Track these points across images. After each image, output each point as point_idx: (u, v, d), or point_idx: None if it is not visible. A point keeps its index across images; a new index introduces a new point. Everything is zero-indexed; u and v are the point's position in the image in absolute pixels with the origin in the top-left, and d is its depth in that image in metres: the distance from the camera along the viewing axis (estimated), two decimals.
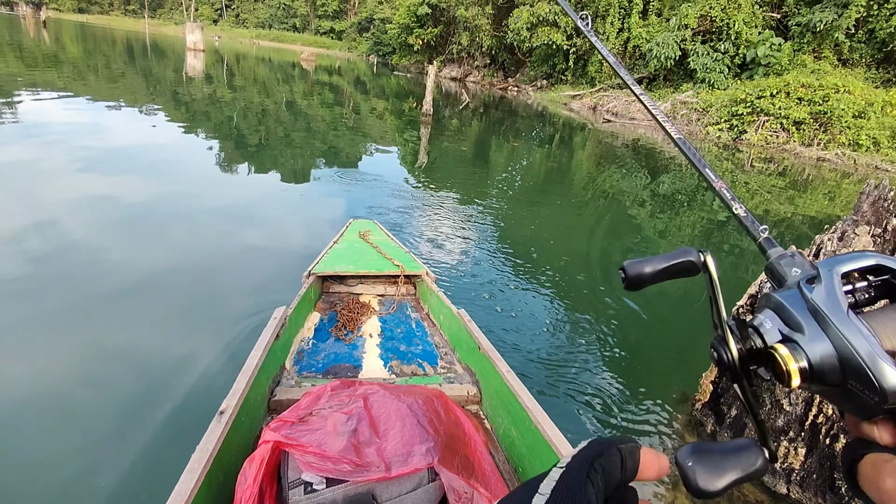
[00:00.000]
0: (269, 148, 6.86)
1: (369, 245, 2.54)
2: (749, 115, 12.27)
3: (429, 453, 1.07)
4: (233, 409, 1.22)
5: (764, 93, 12.04)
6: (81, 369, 1.97)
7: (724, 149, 11.33)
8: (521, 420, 1.33)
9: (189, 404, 1.82)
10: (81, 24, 46.39)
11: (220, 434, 1.14)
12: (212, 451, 1.09)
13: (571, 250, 4.17)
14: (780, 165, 9.76)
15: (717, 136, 12.57)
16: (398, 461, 1.07)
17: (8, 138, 5.23)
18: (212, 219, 3.83)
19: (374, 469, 1.06)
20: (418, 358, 1.85)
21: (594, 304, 3.13)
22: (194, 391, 1.90)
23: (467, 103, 16.32)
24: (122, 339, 2.19)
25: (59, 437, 1.64)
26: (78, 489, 1.47)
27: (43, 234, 3.08)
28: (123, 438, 1.65)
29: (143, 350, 2.14)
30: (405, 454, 1.08)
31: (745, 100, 12.33)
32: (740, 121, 12.42)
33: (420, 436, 1.11)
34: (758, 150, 11.33)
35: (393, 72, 30.60)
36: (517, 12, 20.41)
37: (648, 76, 17.17)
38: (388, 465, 1.07)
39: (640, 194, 6.46)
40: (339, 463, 1.07)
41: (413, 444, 1.10)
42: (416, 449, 1.08)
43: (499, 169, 7.13)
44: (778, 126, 11.93)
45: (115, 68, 14.62)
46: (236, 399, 1.25)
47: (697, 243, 4.66)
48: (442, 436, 1.13)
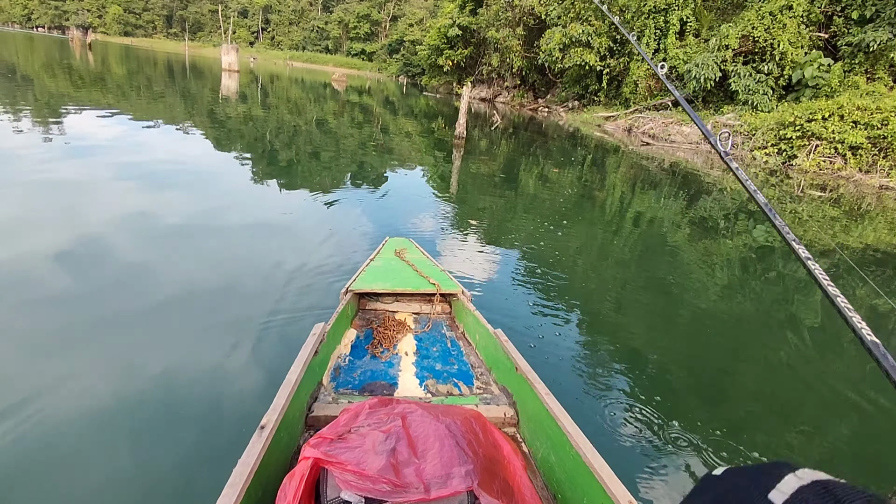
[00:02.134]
0: (303, 165, 7.18)
1: (405, 263, 2.62)
2: (799, 140, 11.87)
3: (468, 476, 1.09)
4: (273, 424, 1.25)
5: (815, 115, 11.64)
6: (121, 381, 2.08)
7: (771, 174, 10.97)
8: (561, 445, 1.33)
9: (226, 418, 1.90)
10: (126, 46, 50.33)
11: (260, 449, 1.16)
12: (253, 466, 1.12)
13: (610, 275, 4.13)
14: (836, 193, 9.33)
15: (765, 161, 12.20)
16: (437, 483, 1.09)
17: (52, 152, 5.69)
18: (248, 234, 4.02)
19: (413, 490, 1.09)
20: (454, 377, 1.88)
21: (634, 333, 3.09)
22: (231, 404, 1.98)
23: (498, 125, 16.59)
24: (161, 351, 2.31)
25: (98, 449, 1.72)
26: (118, 503, 1.53)
27: (85, 247, 3.32)
28: (163, 451, 1.73)
29: (181, 363, 2.25)
30: (444, 476, 1.10)
31: (794, 123, 11.95)
32: (789, 145, 12.03)
33: (459, 457, 1.13)
34: (810, 176, 10.92)
35: (422, 92, 31.56)
36: (549, 33, 20.84)
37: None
38: (426, 486, 1.09)
39: (687, 220, 6.36)
40: (377, 482, 1.10)
41: (452, 465, 1.12)
42: (456, 471, 1.11)
43: (534, 193, 7.18)
44: (832, 151, 11.47)
45: (155, 89, 15.72)
46: (276, 414, 1.28)
47: (737, 269, 4.53)
48: (481, 458, 1.16)
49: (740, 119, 14.17)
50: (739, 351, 3.07)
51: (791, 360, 3.03)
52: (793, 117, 12.03)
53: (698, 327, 3.37)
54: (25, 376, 2.02)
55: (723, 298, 3.85)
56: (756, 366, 2.92)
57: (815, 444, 2.23)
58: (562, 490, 1.32)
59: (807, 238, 5.98)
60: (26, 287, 2.70)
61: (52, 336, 2.31)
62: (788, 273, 4.58)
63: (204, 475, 1.62)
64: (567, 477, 1.30)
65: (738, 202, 7.63)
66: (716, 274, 4.42)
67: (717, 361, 2.93)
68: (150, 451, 1.72)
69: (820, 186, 9.85)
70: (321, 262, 3.60)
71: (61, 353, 2.21)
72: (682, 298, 3.81)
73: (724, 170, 11.23)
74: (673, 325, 3.36)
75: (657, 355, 2.87)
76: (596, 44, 19.29)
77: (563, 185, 7.80)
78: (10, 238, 3.30)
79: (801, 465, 0.31)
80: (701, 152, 13.62)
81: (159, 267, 3.17)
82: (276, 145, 8.64)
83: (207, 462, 1.68)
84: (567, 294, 3.53)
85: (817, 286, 0.45)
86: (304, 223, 4.57)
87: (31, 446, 1.68)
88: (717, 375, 2.75)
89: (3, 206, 3.87)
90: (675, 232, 5.72)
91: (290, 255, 3.68)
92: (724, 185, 9.12)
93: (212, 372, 2.19)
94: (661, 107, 17.67)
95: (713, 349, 3.07)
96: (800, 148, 11.89)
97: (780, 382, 2.75)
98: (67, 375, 2.07)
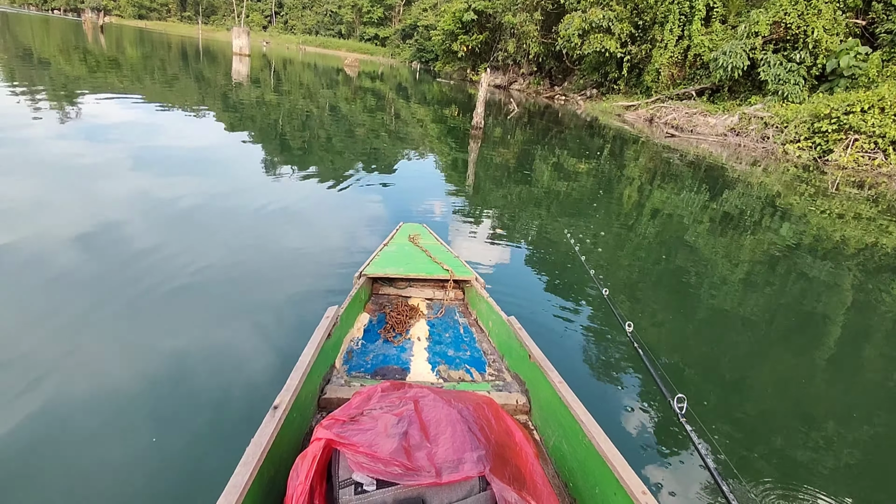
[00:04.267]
0: (316, 151, 7.22)
1: (419, 249, 2.64)
2: (835, 133, 11.37)
3: (480, 461, 1.11)
4: (286, 405, 1.28)
5: (853, 108, 11.07)
6: (138, 362, 2.15)
7: (803, 169, 10.57)
8: (574, 433, 1.34)
9: (239, 398, 1.95)
10: (140, 29, 50.86)
11: (273, 429, 1.19)
12: (265, 446, 1.14)
13: (627, 266, 4.09)
14: (875, 191, 8.93)
15: (798, 156, 11.74)
16: (449, 467, 1.11)
17: (65, 135, 5.80)
18: (262, 218, 4.08)
19: (425, 474, 1.10)
20: (466, 364, 1.90)
21: (650, 323, 3.06)
22: (244, 385, 2.03)
23: (515, 113, 16.40)
24: (177, 333, 2.37)
25: (114, 428, 1.78)
26: (133, 479, 1.59)
27: (103, 230, 3.40)
28: (177, 429, 1.79)
29: (196, 343, 2.30)
30: (456, 461, 1.12)
31: (829, 115, 11.42)
32: (824, 139, 11.54)
33: (471, 443, 1.15)
34: (847, 172, 10.37)
35: (435, 78, 31.33)
36: (568, 18, 20.43)
37: (711, 87, 16.63)
38: (438, 470, 1.10)
39: (709, 215, 6.25)
40: (389, 465, 1.11)
41: (464, 450, 1.13)
42: (468, 456, 1.12)
43: (550, 183, 7.12)
44: (872, 146, 10.93)
45: (169, 72, 15.88)
46: (290, 395, 1.31)
47: (763, 269, 4.45)
48: (493, 444, 1.17)
49: (769, 110, 13.75)
50: (760, 346, 3.02)
51: (826, 360, 2.99)
52: (828, 109, 11.51)
53: (718, 319, 3.32)
54: (46, 355, 2.09)
55: (744, 293, 3.79)
56: (779, 363, 2.88)
57: (831, 450, 2.20)
58: (573, 478, 1.33)
59: (838, 235, 5.83)
60: (44, 268, 2.79)
61: (72, 317, 2.38)
62: (814, 276, 4.48)
63: (218, 453, 1.66)
64: (579, 465, 1.31)
65: (766, 199, 7.46)
66: (739, 270, 4.34)
67: (738, 355, 2.89)
68: (165, 429, 1.78)
69: (857, 183, 9.49)
70: (335, 246, 3.64)
71: (80, 334, 2.28)
72: (699, 290, 3.76)
73: (753, 164, 10.99)
74: (690, 317, 3.33)
75: (672, 346, 2.85)
76: (617, 29, 18.86)
77: (582, 176, 7.71)
78: (29, 220, 3.40)
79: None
80: (729, 145, 13.25)
81: (175, 250, 3.24)
82: (290, 130, 8.69)
83: (221, 441, 1.73)
84: (582, 284, 3.51)
85: None
86: (317, 207, 4.61)
87: (50, 423, 1.75)
88: (736, 369, 2.72)
89: (24, 188, 3.97)
90: (695, 226, 5.63)
91: (304, 239, 3.73)
92: (752, 181, 8.91)
93: (225, 353, 2.24)
94: (685, 96, 17.25)
95: (734, 343, 3.03)
96: (836, 142, 11.38)
97: (806, 383, 2.71)
98: (86, 354, 2.14)
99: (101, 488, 1.54)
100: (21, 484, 1.52)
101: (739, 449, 2.01)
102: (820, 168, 10.90)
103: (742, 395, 2.48)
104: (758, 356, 2.91)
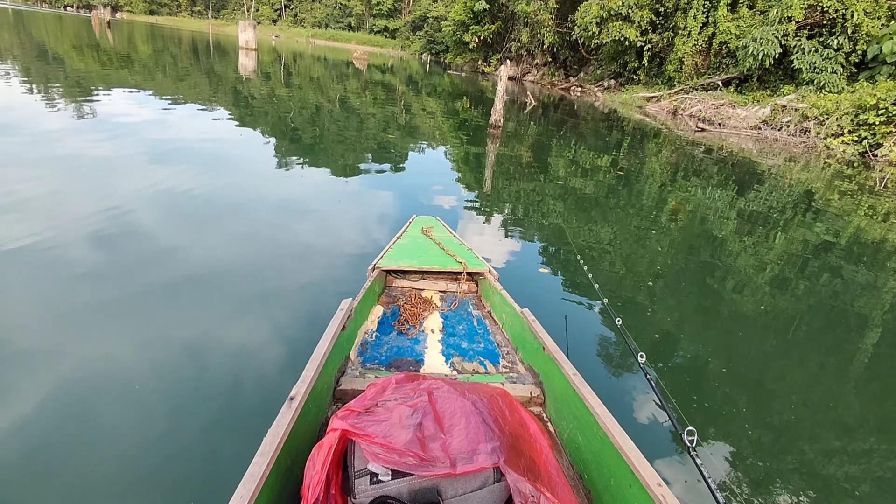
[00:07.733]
0: (328, 144, 7.31)
1: (432, 241, 2.69)
2: (884, 126, 10.80)
3: (494, 453, 1.14)
4: (302, 396, 1.32)
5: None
6: (155, 353, 2.23)
7: (846, 165, 10.01)
8: (588, 425, 1.36)
9: (254, 389, 2.02)
10: (151, 24, 51.96)
11: (290, 419, 1.23)
12: (282, 436, 1.19)
13: (643, 261, 4.07)
14: None
15: (843, 150, 11.15)
16: (463, 458, 1.14)
17: (77, 130, 5.99)
18: (276, 211, 4.17)
19: (440, 465, 1.14)
20: (480, 356, 1.94)
21: (665, 317, 3.05)
22: (260, 377, 2.09)
23: (534, 106, 16.24)
24: (193, 324, 2.46)
25: (131, 417, 1.86)
26: (152, 467, 1.66)
27: (117, 223, 3.52)
28: (194, 419, 1.86)
29: (212, 335, 2.38)
30: (470, 452, 1.15)
31: (876, 106, 10.85)
32: (871, 132, 10.98)
33: (485, 434, 1.18)
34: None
35: (446, 70, 31.31)
36: (585, 6, 20.19)
37: (738, 77, 16.22)
38: (453, 461, 1.14)
39: (736, 213, 6.16)
40: (404, 455, 1.15)
41: (478, 442, 1.16)
42: (482, 447, 1.15)
43: (566, 178, 7.08)
44: None
45: (180, 66, 16.20)
46: (305, 386, 1.36)
47: (793, 269, 4.37)
48: (507, 436, 1.20)
49: (804, 101, 13.33)
50: (777, 347, 2.98)
51: (841, 361, 2.94)
52: (874, 99, 10.97)
53: (737, 317, 3.28)
54: (65, 346, 2.19)
55: (762, 293, 3.73)
56: (798, 360, 2.84)
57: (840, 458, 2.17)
58: (588, 470, 1.36)
59: (878, 235, 5.67)
60: (62, 260, 2.90)
61: (90, 308, 2.49)
62: (848, 277, 4.38)
63: (234, 443, 1.73)
64: (594, 457, 1.33)
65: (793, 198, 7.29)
66: (761, 270, 4.28)
67: (750, 352, 2.86)
68: (182, 419, 1.85)
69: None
70: (348, 239, 3.71)
71: (98, 324, 2.37)
72: (714, 288, 3.72)
73: (789, 159, 10.75)
74: (708, 314, 3.30)
75: (688, 341, 2.84)
76: (637, 17, 18.55)
77: (599, 171, 7.65)
78: (47, 212, 3.53)
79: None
80: (763, 139, 12.73)
81: (189, 241, 3.35)
82: (301, 124, 8.81)
83: (237, 431, 1.79)
84: (597, 277, 3.51)
85: None
86: (330, 200, 4.70)
87: (69, 413, 1.83)
88: (751, 366, 2.68)
89: (41, 181, 4.12)
90: (721, 225, 5.55)
91: (317, 232, 3.81)
92: (782, 175, 8.72)
93: (241, 345, 2.31)
94: (710, 87, 16.89)
95: (748, 340, 2.99)
96: (885, 136, 10.83)
97: (825, 379, 2.67)
98: (104, 345, 2.24)
99: (120, 477, 1.61)
100: (42, 472, 1.60)
101: (752, 484, 1.90)
102: (866, 164, 10.39)
103: (759, 425, 2.33)
104: (781, 381, 2.71)
